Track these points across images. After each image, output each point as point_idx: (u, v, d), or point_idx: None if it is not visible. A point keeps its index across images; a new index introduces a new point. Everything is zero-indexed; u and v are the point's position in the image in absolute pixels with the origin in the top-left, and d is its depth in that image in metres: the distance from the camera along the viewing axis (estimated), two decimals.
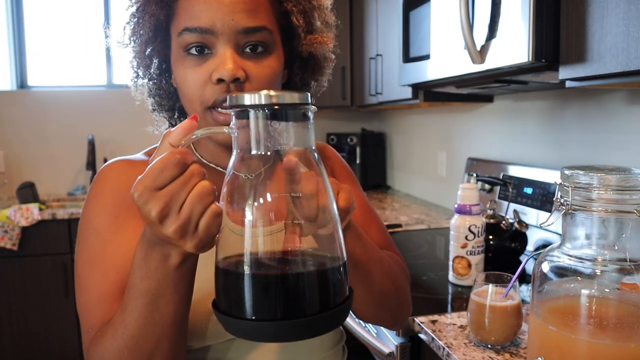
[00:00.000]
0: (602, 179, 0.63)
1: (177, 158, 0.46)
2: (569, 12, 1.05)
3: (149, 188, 0.46)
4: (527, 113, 1.84)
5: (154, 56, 0.74)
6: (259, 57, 0.69)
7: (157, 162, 0.46)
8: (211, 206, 0.47)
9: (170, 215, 0.47)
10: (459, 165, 2.33)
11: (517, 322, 0.93)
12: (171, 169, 0.46)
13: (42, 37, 3.20)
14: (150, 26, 0.70)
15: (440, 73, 1.49)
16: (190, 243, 0.48)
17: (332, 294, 0.49)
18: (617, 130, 1.44)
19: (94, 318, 0.65)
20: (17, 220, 2.45)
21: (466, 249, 1.30)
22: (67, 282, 2.56)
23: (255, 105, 0.48)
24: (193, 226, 0.47)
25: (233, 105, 0.49)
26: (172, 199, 0.46)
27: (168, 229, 0.47)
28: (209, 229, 0.48)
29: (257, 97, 0.48)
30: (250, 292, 0.47)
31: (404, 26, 1.74)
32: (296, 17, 0.73)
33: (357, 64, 2.66)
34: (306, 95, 0.50)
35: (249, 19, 0.66)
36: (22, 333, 2.56)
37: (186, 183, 0.47)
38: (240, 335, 0.49)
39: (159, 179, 0.46)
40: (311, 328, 0.48)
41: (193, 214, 0.47)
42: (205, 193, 0.47)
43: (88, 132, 3.08)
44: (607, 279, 0.65)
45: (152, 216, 0.46)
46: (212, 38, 0.66)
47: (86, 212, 0.72)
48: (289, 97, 0.48)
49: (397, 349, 1.15)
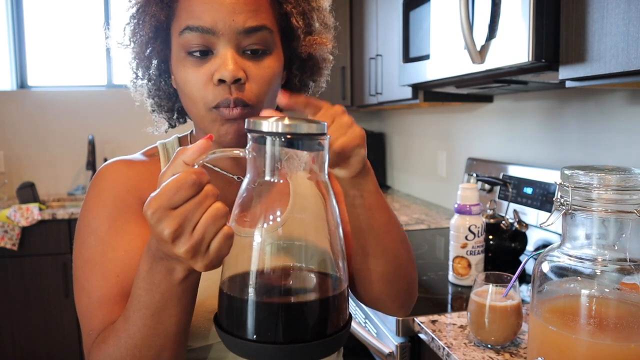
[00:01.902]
0: (602, 179, 0.63)
1: (193, 179, 0.46)
2: (569, 12, 1.05)
3: (164, 207, 0.46)
4: (527, 113, 1.84)
5: (153, 57, 0.74)
6: (259, 58, 0.69)
7: (173, 181, 0.46)
8: (224, 228, 0.48)
9: (183, 236, 0.47)
10: (459, 165, 2.33)
11: (517, 322, 0.93)
12: (187, 190, 0.46)
13: (42, 37, 3.20)
14: (151, 27, 0.70)
15: (440, 73, 1.49)
16: (201, 263, 0.48)
17: (333, 320, 0.51)
18: (617, 130, 1.44)
19: (95, 321, 0.65)
20: (17, 220, 2.45)
21: (466, 249, 1.30)
22: (67, 282, 2.56)
23: (272, 132, 0.48)
24: (205, 247, 0.47)
25: (250, 130, 0.50)
26: (186, 220, 0.46)
27: (180, 249, 0.47)
28: (220, 250, 0.48)
29: (275, 125, 0.48)
30: (254, 316, 0.49)
31: (404, 26, 1.74)
32: (296, 18, 0.73)
33: (357, 64, 2.66)
34: (322, 126, 0.50)
35: (249, 19, 0.67)
36: (22, 333, 2.56)
37: (201, 204, 0.47)
38: (241, 354, 0.50)
39: (174, 199, 0.46)
40: (310, 353, 0.49)
41: (206, 235, 0.47)
42: (219, 215, 0.47)
43: (88, 132, 3.08)
44: (607, 279, 0.65)
45: (165, 235, 0.46)
46: (213, 38, 0.66)
47: (84, 213, 0.71)
48: (307, 127, 0.49)
49: (397, 349, 1.15)
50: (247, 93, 0.67)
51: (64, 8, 3.20)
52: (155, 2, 0.69)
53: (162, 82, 0.77)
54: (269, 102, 0.72)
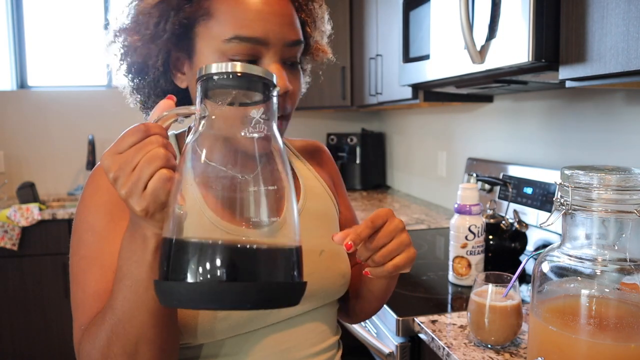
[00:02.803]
0: (602, 179, 0.63)
1: (140, 127, 0.50)
2: (569, 12, 1.05)
3: (111, 152, 0.50)
4: (527, 113, 1.84)
5: (159, 52, 0.72)
6: (295, 69, 0.72)
7: (125, 132, 0.50)
8: (161, 170, 0.50)
9: (122, 177, 0.50)
10: (459, 165, 2.33)
11: (517, 322, 0.93)
12: (130, 136, 0.50)
13: (42, 37, 3.20)
14: (173, 24, 0.68)
15: (440, 73, 1.49)
16: (139, 206, 0.50)
17: (277, 269, 0.47)
18: (616, 130, 1.44)
19: (88, 315, 0.65)
20: (17, 220, 2.45)
21: (466, 249, 1.30)
22: (67, 282, 2.55)
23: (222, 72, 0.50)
24: (141, 187, 0.50)
25: (201, 77, 0.51)
26: (126, 162, 0.49)
27: (120, 190, 0.50)
28: (155, 190, 0.50)
29: (225, 66, 0.50)
30: (193, 254, 0.45)
31: (404, 26, 1.74)
32: (310, 27, 0.76)
33: (357, 64, 2.66)
34: (273, 75, 0.52)
35: (294, 32, 0.69)
36: (22, 333, 2.56)
37: (142, 148, 0.50)
38: (175, 302, 0.46)
39: (120, 145, 0.50)
40: (247, 295, 0.45)
41: (142, 175, 0.49)
42: (155, 156, 0.49)
43: (88, 132, 3.08)
44: (607, 279, 0.65)
45: (110, 178, 0.50)
46: (262, 49, 0.67)
47: (81, 210, 0.71)
48: (260, 70, 0.51)
49: (397, 349, 1.15)
50: (288, 104, 0.70)
51: (64, 8, 3.20)
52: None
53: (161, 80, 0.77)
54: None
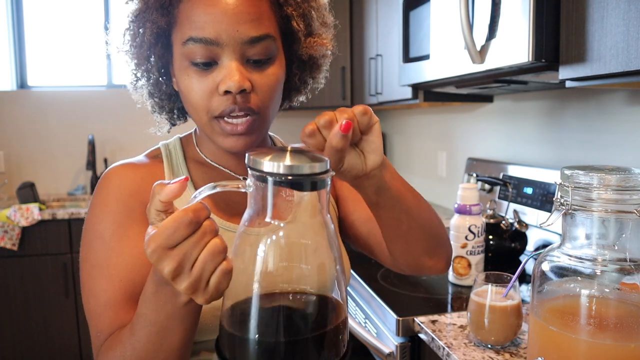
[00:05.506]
0: (602, 179, 0.63)
1: (190, 217, 0.46)
2: (569, 12, 1.05)
3: (162, 247, 0.47)
4: (527, 113, 1.84)
5: (154, 60, 0.74)
6: (263, 66, 0.69)
7: (170, 220, 0.46)
8: (222, 263, 0.48)
9: (183, 274, 0.48)
10: (459, 165, 2.33)
11: (517, 322, 0.93)
12: (184, 229, 0.46)
13: (42, 37, 3.20)
14: (152, 33, 0.70)
15: (440, 73, 1.49)
16: (201, 298, 0.49)
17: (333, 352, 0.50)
18: (617, 130, 1.44)
19: (103, 323, 0.67)
20: (17, 220, 2.45)
21: (466, 249, 1.30)
22: (67, 282, 2.56)
23: (273, 173, 0.47)
24: (204, 283, 0.48)
25: (252, 168, 0.48)
26: (185, 258, 0.47)
27: (180, 286, 0.48)
28: (219, 285, 0.49)
29: (276, 166, 0.47)
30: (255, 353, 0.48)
31: (404, 26, 1.74)
32: (296, 21, 0.73)
33: (357, 64, 2.66)
34: (325, 163, 0.49)
35: (253, 29, 0.67)
36: (22, 333, 2.56)
37: (199, 242, 0.47)
38: None
39: (171, 238, 0.46)
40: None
41: (204, 272, 0.48)
42: (217, 251, 0.47)
43: (88, 132, 3.08)
44: (607, 279, 0.65)
45: (165, 273, 0.47)
46: (217, 49, 0.66)
47: (90, 218, 0.72)
48: (309, 167, 0.47)
49: (397, 348, 1.15)
50: (253, 102, 0.68)
51: (64, 8, 3.20)
52: (155, 7, 0.69)
53: (163, 84, 0.77)
54: (274, 108, 0.73)
